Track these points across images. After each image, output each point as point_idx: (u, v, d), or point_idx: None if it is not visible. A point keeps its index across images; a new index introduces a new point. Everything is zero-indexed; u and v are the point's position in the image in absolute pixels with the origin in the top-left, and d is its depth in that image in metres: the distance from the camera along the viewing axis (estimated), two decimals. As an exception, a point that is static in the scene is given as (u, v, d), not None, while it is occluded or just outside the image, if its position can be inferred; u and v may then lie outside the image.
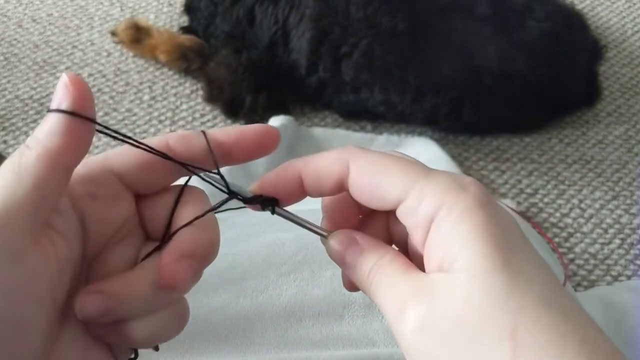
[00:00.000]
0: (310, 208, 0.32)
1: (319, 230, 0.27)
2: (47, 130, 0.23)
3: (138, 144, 0.26)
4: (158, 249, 0.26)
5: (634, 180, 1.20)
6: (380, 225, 0.28)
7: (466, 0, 1.16)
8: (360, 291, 0.41)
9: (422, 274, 0.24)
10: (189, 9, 1.34)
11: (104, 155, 0.26)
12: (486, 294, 0.21)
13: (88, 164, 0.26)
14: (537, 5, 1.17)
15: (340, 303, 0.39)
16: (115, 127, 1.22)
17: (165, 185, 0.27)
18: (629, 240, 1.11)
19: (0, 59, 1.31)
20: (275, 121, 1.08)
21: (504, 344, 0.20)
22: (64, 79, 0.23)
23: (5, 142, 1.18)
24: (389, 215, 0.27)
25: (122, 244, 0.26)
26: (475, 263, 0.22)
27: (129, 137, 0.25)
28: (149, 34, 1.29)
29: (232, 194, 0.28)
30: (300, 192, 0.27)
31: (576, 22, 1.24)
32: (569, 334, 0.20)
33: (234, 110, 1.22)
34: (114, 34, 1.33)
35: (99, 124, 0.25)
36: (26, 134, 1.19)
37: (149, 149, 0.26)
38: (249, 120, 1.21)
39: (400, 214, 0.25)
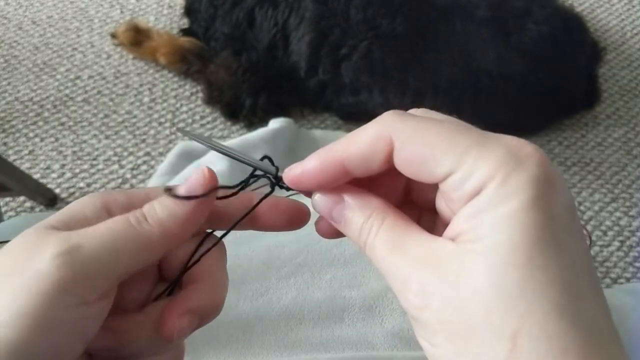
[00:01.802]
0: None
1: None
2: (170, 214, 0.24)
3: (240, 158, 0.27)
4: (169, 292, 0.26)
5: (633, 182, 1.20)
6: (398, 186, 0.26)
7: (465, 3, 1.16)
8: (360, 294, 0.41)
9: (427, 237, 0.22)
10: (189, 11, 1.35)
11: (146, 194, 0.26)
12: (496, 290, 0.20)
13: (131, 199, 0.26)
14: (536, 8, 1.17)
15: (340, 306, 0.39)
16: (115, 130, 1.22)
17: (190, 234, 0.27)
18: (628, 243, 1.12)
19: (0, 61, 1.31)
20: (275, 123, 1.08)
21: (501, 344, 0.19)
22: (204, 171, 0.25)
23: (5, 144, 1.18)
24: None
25: (137, 280, 0.26)
26: (496, 254, 0.20)
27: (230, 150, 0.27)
28: (149, 36, 1.29)
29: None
30: (344, 176, 0.24)
31: (575, 24, 1.24)
32: (571, 348, 0.19)
33: (233, 112, 1.23)
34: (114, 36, 1.34)
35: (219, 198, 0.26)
36: (26, 135, 1.20)
37: (247, 160, 0.27)
38: (249, 123, 1.22)
39: (446, 187, 0.22)
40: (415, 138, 0.23)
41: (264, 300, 0.40)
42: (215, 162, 0.68)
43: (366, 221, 0.24)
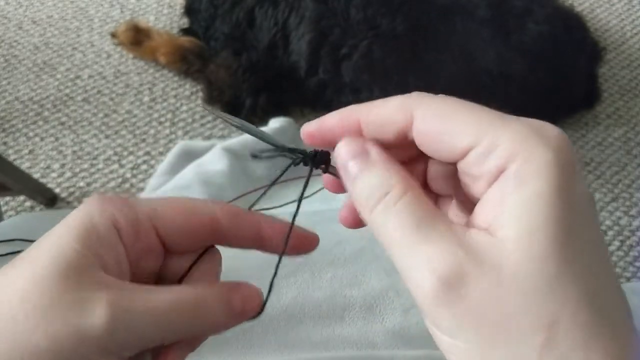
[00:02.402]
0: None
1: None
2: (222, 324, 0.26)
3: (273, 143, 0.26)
4: None
5: (633, 182, 1.20)
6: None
7: (466, 3, 1.16)
8: (361, 293, 0.41)
9: (455, 226, 0.21)
10: (189, 11, 1.34)
11: (153, 209, 0.25)
12: (537, 280, 0.19)
13: (137, 212, 0.25)
14: (536, 7, 1.17)
15: (340, 305, 0.39)
16: (115, 129, 1.22)
17: (195, 249, 0.27)
18: (628, 242, 1.12)
19: (0, 61, 1.31)
20: (275, 123, 1.08)
21: (539, 334, 0.19)
22: (258, 292, 0.25)
23: (5, 143, 1.18)
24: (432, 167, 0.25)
25: None
26: (534, 238, 0.19)
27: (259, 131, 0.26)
28: (149, 36, 1.29)
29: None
30: (357, 136, 0.24)
31: (575, 24, 1.24)
32: (599, 336, 0.19)
33: (233, 112, 1.22)
34: (114, 35, 1.34)
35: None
36: (26, 135, 1.20)
37: (281, 147, 0.26)
38: (249, 122, 1.21)
39: (467, 163, 0.21)
40: (436, 111, 0.22)
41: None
42: (215, 161, 0.68)
43: (387, 181, 0.22)
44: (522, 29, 1.14)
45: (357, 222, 0.25)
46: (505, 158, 0.20)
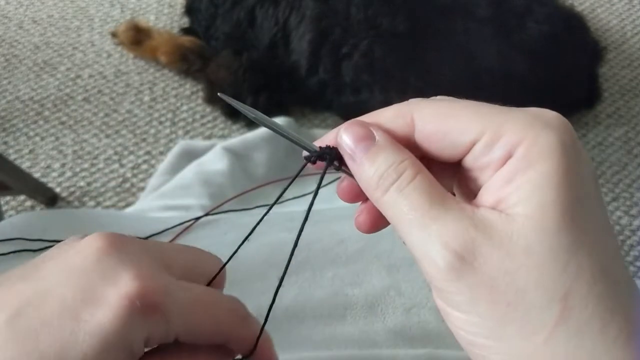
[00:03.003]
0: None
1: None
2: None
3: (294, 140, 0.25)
4: None
5: (634, 181, 1.20)
6: None
7: (466, 2, 1.16)
8: (362, 292, 0.41)
9: (464, 205, 0.21)
10: (189, 10, 1.35)
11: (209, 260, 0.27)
12: (550, 253, 0.20)
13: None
14: (537, 7, 1.17)
15: (342, 304, 0.39)
16: (115, 129, 1.22)
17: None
18: (629, 242, 1.11)
19: (0, 60, 1.31)
20: (275, 122, 1.08)
21: (554, 306, 0.19)
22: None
23: (5, 143, 1.18)
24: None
25: None
26: (547, 214, 0.20)
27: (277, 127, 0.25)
28: (150, 36, 1.29)
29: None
30: None
31: (576, 23, 1.24)
32: (616, 310, 0.20)
33: (234, 112, 1.22)
34: (114, 35, 1.34)
35: None
36: (26, 134, 1.20)
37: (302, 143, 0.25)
38: (249, 122, 1.21)
39: (472, 157, 0.22)
40: (436, 112, 0.23)
41: (266, 298, 0.40)
42: (215, 161, 0.68)
43: (398, 163, 0.22)
44: (523, 29, 1.14)
45: (376, 225, 0.25)
46: (511, 145, 0.21)
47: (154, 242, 0.24)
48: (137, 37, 1.29)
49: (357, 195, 0.25)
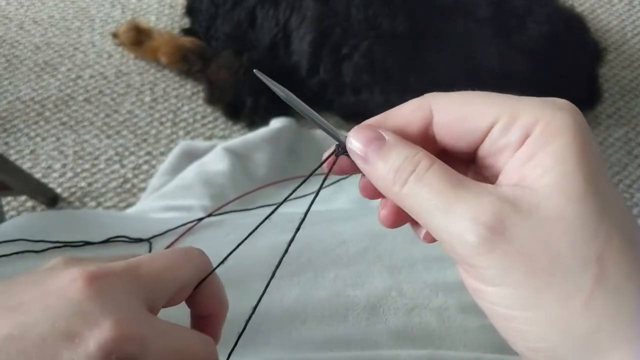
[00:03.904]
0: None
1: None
2: None
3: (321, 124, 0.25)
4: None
5: (634, 182, 1.20)
6: None
7: (467, 2, 1.16)
8: (364, 293, 0.41)
9: (484, 185, 0.22)
10: (190, 11, 1.35)
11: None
12: (580, 217, 0.20)
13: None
14: (537, 7, 1.17)
15: (343, 305, 0.39)
16: (116, 129, 1.22)
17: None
18: (629, 242, 1.11)
19: (1, 61, 1.32)
20: (276, 123, 1.08)
21: (589, 269, 0.20)
22: None
23: (6, 143, 1.18)
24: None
25: None
26: (571, 182, 0.20)
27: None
28: (150, 36, 1.29)
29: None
30: None
31: (576, 24, 1.24)
32: None
33: (234, 112, 1.23)
34: (115, 35, 1.34)
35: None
36: (27, 135, 1.20)
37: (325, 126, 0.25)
38: (250, 122, 1.22)
39: (490, 140, 0.22)
40: (454, 102, 0.23)
41: (268, 299, 0.40)
42: (216, 161, 0.68)
43: (412, 156, 0.23)
44: (523, 29, 1.15)
45: (399, 220, 0.25)
46: (528, 125, 0.22)
47: (135, 273, 0.24)
48: (138, 38, 1.29)
49: (377, 192, 0.25)
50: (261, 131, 0.84)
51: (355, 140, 0.24)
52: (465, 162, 0.24)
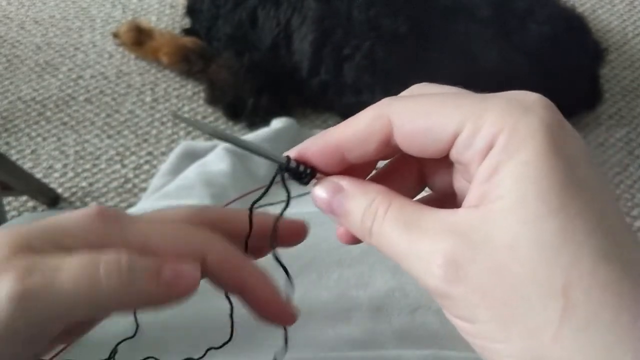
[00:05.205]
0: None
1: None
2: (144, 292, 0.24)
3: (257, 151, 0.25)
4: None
5: (635, 183, 1.20)
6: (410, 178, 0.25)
7: (467, 3, 1.16)
8: (367, 293, 0.41)
9: (441, 213, 0.21)
10: (191, 11, 1.35)
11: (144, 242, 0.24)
12: (536, 243, 0.18)
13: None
14: (538, 8, 1.17)
15: (347, 305, 0.39)
16: (117, 129, 1.22)
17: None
18: (630, 243, 1.12)
19: (2, 61, 1.32)
20: (277, 123, 1.08)
21: (553, 302, 0.18)
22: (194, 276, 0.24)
23: (7, 143, 1.18)
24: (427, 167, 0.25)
25: None
26: (527, 204, 0.19)
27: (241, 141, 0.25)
28: (151, 36, 1.29)
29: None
30: (341, 162, 0.23)
31: (577, 24, 1.24)
32: (625, 294, 0.18)
33: (235, 112, 1.23)
34: (116, 36, 1.34)
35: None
36: (28, 135, 1.20)
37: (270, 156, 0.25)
38: (251, 122, 1.22)
39: (456, 151, 0.21)
40: (415, 111, 0.22)
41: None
42: (218, 161, 0.68)
43: (369, 206, 0.22)
44: (524, 30, 1.15)
45: (354, 238, 0.25)
46: (492, 135, 0.20)
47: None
48: (139, 38, 1.29)
49: (353, 237, 0.25)
50: (262, 131, 0.84)
51: (320, 200, 0.24)
52: (445, 160, 0.23)
